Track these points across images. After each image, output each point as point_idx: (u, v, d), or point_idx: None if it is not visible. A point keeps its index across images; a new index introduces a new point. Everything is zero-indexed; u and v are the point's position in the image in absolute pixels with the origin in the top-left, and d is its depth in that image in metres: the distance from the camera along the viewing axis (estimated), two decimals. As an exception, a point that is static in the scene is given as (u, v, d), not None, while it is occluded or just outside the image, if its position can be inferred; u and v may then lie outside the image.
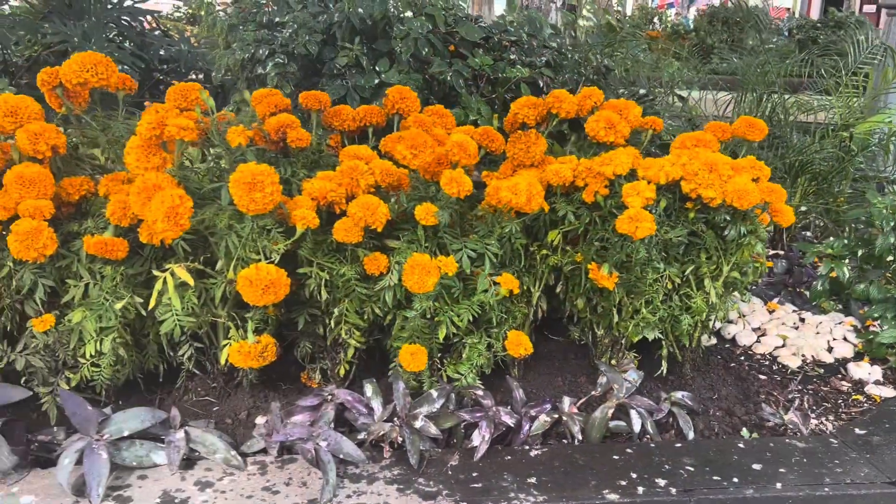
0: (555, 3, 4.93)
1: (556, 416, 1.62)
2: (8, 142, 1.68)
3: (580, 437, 1.61)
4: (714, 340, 2.18)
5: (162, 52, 3.46)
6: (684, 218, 1.72)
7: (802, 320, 2.31)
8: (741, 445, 1.60)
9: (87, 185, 1.64)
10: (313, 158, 1.81)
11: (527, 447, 1.56)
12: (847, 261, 2.33)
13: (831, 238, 2.35)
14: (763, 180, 1.77)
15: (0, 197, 1.52)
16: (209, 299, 1.61)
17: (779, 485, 1.45)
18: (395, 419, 1.55)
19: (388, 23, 2.62)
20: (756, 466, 1.51)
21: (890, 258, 2.27)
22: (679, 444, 1.60)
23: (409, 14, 2.69)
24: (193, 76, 3.52)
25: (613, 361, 1.82)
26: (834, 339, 2.20)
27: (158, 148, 1.54)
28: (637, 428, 1.61)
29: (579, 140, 1.98)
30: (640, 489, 1.43)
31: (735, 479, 1.46)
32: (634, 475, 1.47)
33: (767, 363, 2.09)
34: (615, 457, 1.53)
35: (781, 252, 2.77)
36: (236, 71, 2.83)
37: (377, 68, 2.52)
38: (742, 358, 2.11)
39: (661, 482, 1.45)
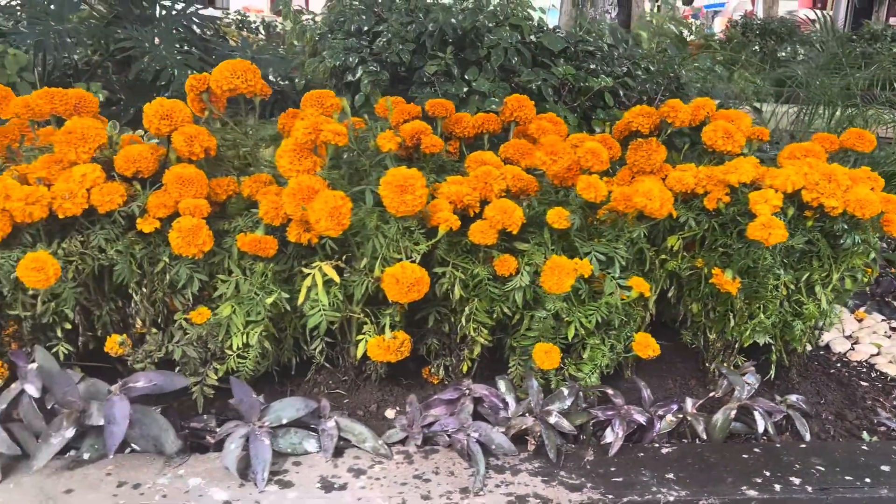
0: (609, 13, 5.01)
1: (681, 415, 1.67)
2: (156, 144, 1.78)
3: (703, 437, 1.66)
4: (809, 347, 2.21)
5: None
6: (802, 226, 1.77)
7: (894, 329, 2.35)
8: (864, 448, 1.64)
9: (232, 185, 1.72)
10: (439, 163, 1.89)
11: (656, 445, 1.62)
12: (938, 271, 2.37)
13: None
14: (877, 190, 1.82)
15: (160, 195, 1.61)
16: (346, 296, 1.68)
17: (911, 486, 1.50)
18: (528, 414, 1.61)
19: (477, 33, 2.69)
20: (885, 468, 1.55)
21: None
22: (804, 445, 1.65)
23: (493, 25, 2.77)
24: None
25: (725, 365, 1.87)
26: (928, 349, 2.23)
27: (310, 151, 1.62)
28: (760, 429, 1.66)
29: (690, 148, 2.04)
30: (777, 486, 1.48)
31: (867, 480, 1.51)
32: (767, 473, 1.52)
33: (865, 370, 2.13)
34: (745, 455, 1.58)
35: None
36: (325, 77, 2.92)
37: (466, 76, 2.60)
38: (839, 365, 2.15)
39: (796, 480, 1.50)
